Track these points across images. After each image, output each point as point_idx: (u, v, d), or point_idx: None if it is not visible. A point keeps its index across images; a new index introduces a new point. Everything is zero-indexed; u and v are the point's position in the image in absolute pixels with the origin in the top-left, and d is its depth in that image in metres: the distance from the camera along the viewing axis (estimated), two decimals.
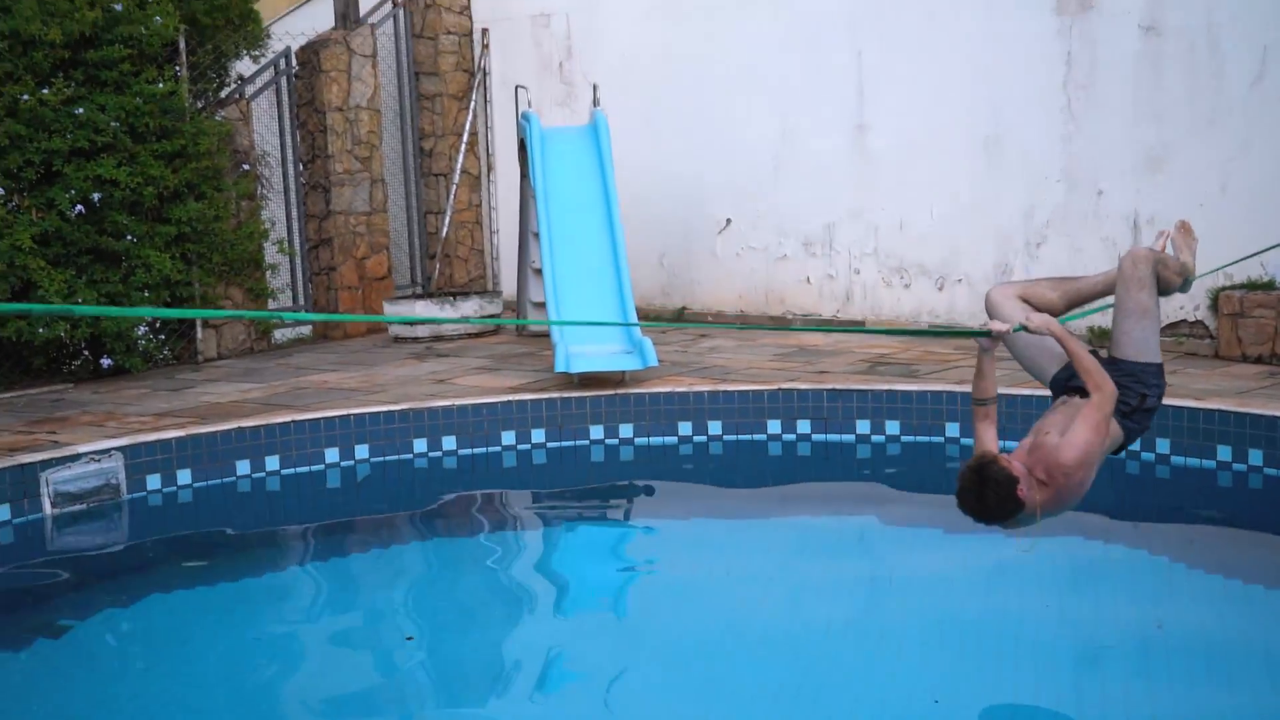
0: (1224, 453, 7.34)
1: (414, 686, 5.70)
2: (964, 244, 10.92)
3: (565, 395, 8.79)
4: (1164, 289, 5.10)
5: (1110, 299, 5.32)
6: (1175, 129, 9.76)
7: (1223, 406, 7.46)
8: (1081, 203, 10.18)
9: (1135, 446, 7.13)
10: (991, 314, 5.18)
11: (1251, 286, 9.25)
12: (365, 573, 7.21)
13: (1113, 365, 4.96)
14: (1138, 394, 4.91)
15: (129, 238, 10.42)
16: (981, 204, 10.76)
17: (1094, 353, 4.99)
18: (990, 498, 4.57)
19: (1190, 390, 7.97)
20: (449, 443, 8.56)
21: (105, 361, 10.45)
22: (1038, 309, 5.09)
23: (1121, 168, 10.02)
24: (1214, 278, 8.90)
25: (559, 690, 5.73)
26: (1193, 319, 9.71)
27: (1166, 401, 7.11)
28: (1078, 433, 4.59)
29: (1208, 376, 8.60)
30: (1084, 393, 4.86)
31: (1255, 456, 7.21)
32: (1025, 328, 4.96)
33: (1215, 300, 9.38)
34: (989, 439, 4.97)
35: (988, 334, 5.00)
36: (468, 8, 13.73)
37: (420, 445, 8.54)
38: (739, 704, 4.92)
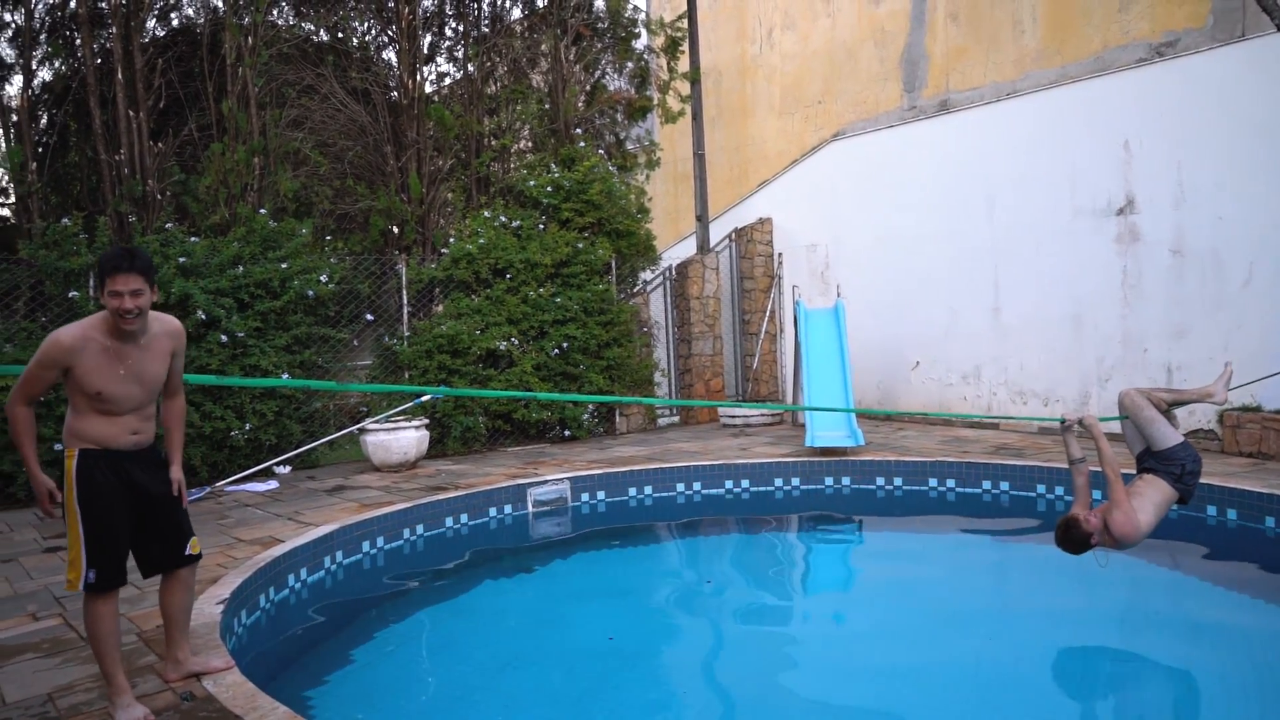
0: (1211, 509, 7.34)
1: (709, 616, 6.14)
2: (1059, 379, 11.05)
3: (812, 459, 9.21)
4: (1160, 410, 5.18)
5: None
6: (1193, 312, 9.81)
7: (1214, 483, 7.37)
8: (1133, 356, 10.29)
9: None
10: (1119, 405, 5.32)
11: (1245, 409, 9.22)
12: (700, 550, 7.77)
13: (1157, 457, 5.10)
14: (1178, 465, 5.00)
15: (581, 367, 11.44)
16: (1070, 356, 10.91)
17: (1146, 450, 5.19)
18: (1071, 546, 4.97)
19: None
20: (744, 483, 9.04)
21: (566, 432, 11.48)
22: (1154, 402, 5.15)
23: (1158, 335, 10.09)
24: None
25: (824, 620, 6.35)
26: (1207, 428, 9.65)
27: None
28: (1115, 516, 4.81)
29: (1210, 464, 8.17)
30: (1155, 471, 5.04)
31: (1231, 513, 7.24)
32: (1064, 421, 5.31)
33: (1221, 417, 9.36)
34: (1078, 487, 5.16)
35: (1061, 420, 5.36)
36: (770, 241, 14.49)
37: (729, 484, 9.03)
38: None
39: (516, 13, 14.19)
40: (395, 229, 12.27)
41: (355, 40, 13.35)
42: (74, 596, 5.37)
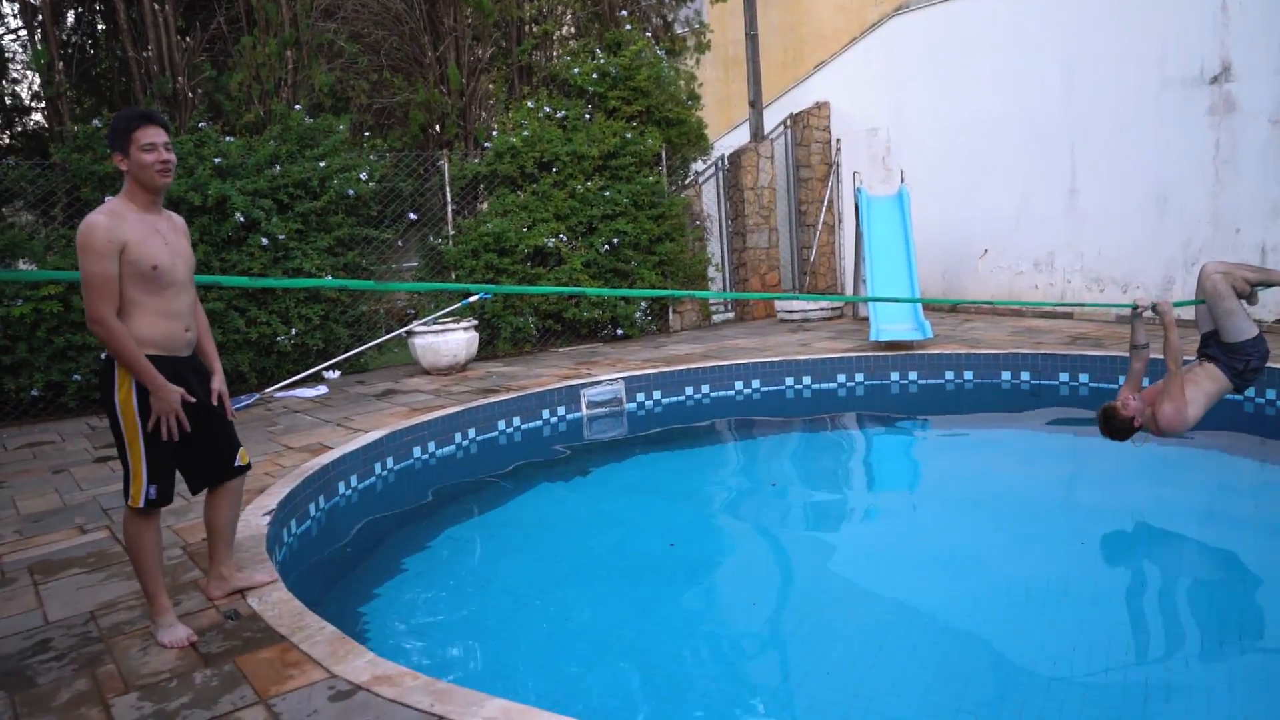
0: None
1: (774, 520, 5.95)
2: (1141, 264, 10.45)
3: (877, 354, 8.87)
4: (1240, 294, 4.92)
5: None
6: None
7: None
8: (1224, 238, 9.64)
9: (1254, 393, 6.95)
10: (1198, 282, 5.05)
11: None
12: (761, 450, 7.53)
13: (1223, 347, 4.90)
14: (1242, 361, 4.84)
15: (633, 263, 11.16)
16: (1153, 239, 10.28)
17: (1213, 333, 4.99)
18: (1114, 434, 4.94)
19: None
20: (805, 380, 8.74)
21: (618, 331, 11.26)
22: (1235, 282, 4.89)
23: (1252, 214, 9.43)
24: None
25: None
26: None
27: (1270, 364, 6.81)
28: (1165, 408, 4.74)
29: None
30: (1216, 360, 4.90)
31: None
32: (1136, 306, 5.04)
33: None
34: (1134, 371, 5.02)
35: (1133, 306, 5.11)
36: (828, 126, 13.80)
37: (789, 381, 8.72)
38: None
39: None
40: (436, 126, 11.82)
41: None
42: (121, 508, 5.25)
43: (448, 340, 9.24)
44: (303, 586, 4.45)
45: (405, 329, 9.55)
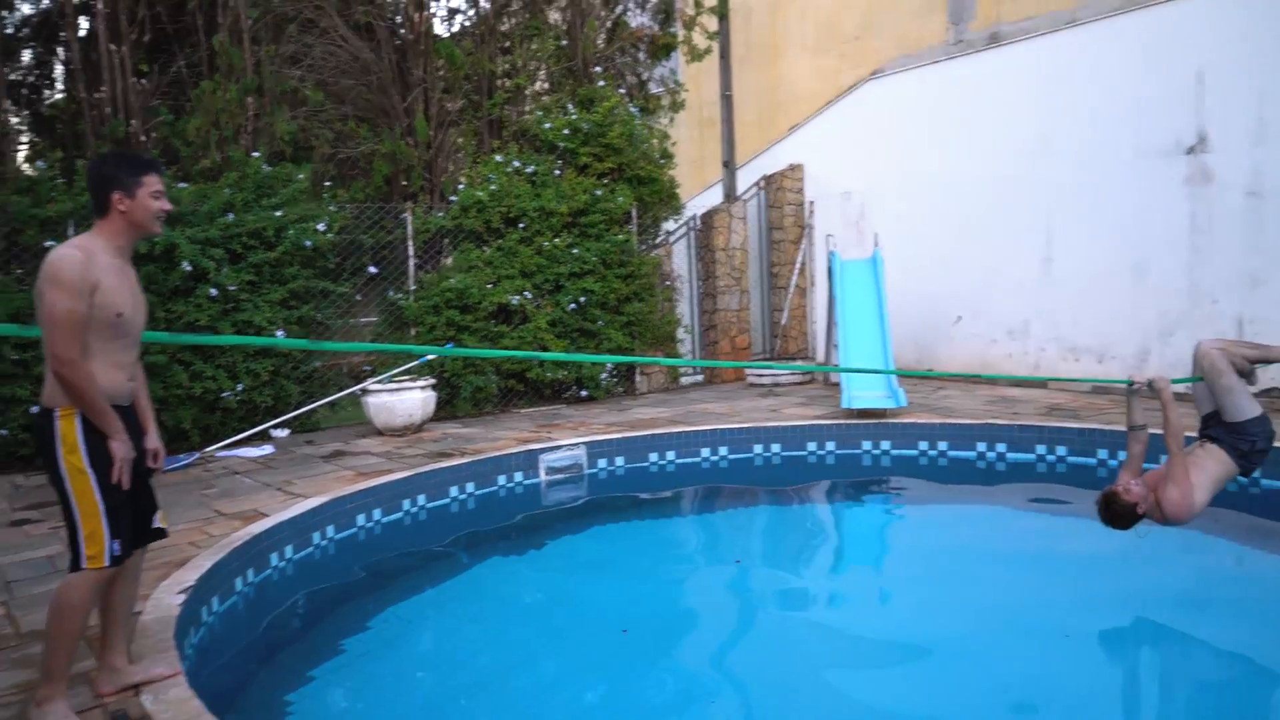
0: None
1: (738, 601, 5.64)
2: (1117, 334, 10.27)
3: (849, 422, 8.59)
4: (1240, 371, 4.66)
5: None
6: (1271, 260, 9.01)
7: None
8: (1200, 309, 9.51)
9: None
10: (1194, 360, 4.78)
11: None
12: (727, 522, 7.25)
13: (1226, 427, 4.60)
14: (1247, 441, 4.54)
15: (600, 323, 10.86)
16: (1129, 309, 10.11)
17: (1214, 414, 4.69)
18: (1116, 521, 4.57)
19: None
20: (775, 448, 8.43)
21: (583, 392, 10.92)
22: (1233, 359, 4.63)
23: (1229, 286, 9.30)
24: None
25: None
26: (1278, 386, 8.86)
27: None
28: (1170, 493, 4.38)
29: None
30: (1219, 441, 4.59)
31: None
32: (1132, 382, 4.72)
33: None
34: (1134, 455, 4.68)
35: (1129, 382, 4.76)
36: (801, 189, 13.69)
37: (758, 448, 8.42)
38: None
39: None
40: (402, 178, 11.56)
41: None
42: (26, 580, 4.82)
43: (403, 400, 8.87)
44: (221, 674, 4.06)
45: (359, 387, 9.16)
